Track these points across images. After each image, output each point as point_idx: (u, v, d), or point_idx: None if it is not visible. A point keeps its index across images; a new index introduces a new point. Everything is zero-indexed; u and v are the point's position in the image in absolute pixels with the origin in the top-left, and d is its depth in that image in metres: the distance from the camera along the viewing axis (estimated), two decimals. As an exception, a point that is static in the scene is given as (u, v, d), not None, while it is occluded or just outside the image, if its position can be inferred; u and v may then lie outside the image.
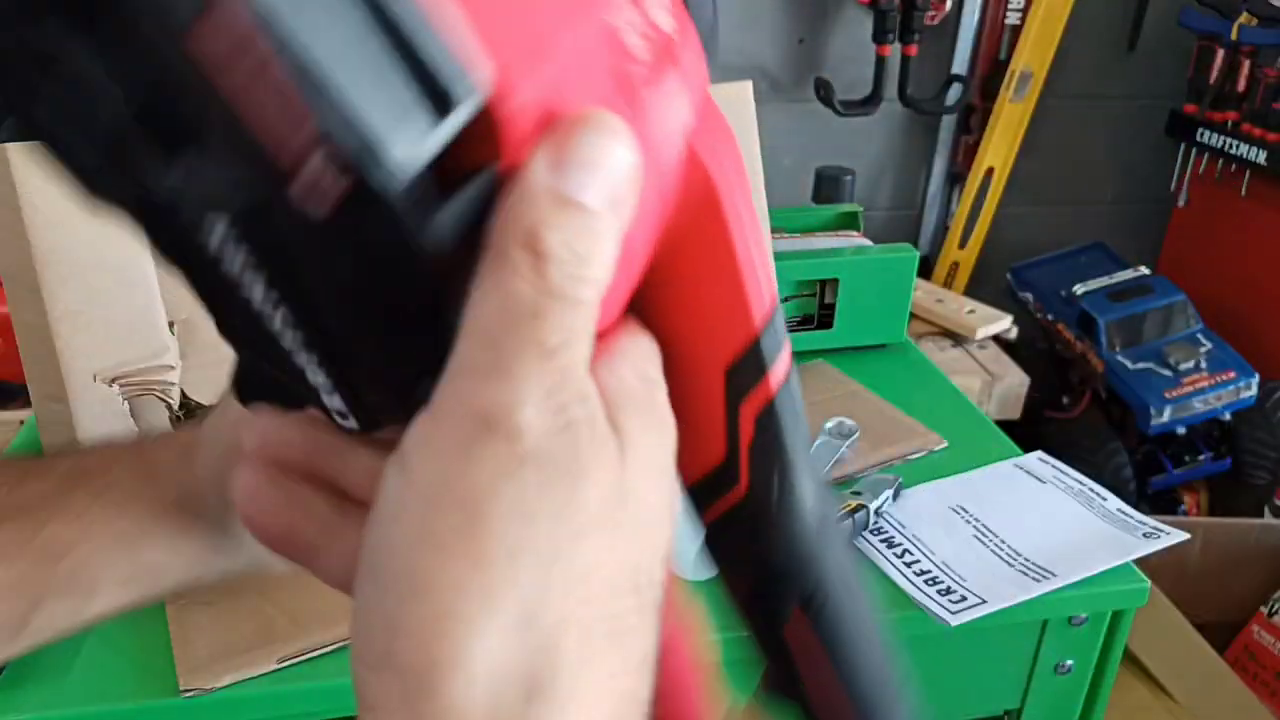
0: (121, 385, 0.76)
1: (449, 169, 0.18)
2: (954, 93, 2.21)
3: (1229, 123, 2.08)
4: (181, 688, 0.68)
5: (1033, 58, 2.18)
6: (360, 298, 0.19)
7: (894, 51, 2.12)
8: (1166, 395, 1.86)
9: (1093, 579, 0.81)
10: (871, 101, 2.16)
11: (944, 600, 0.79)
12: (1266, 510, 1.90)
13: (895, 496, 0.91)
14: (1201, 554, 1.64)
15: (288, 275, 0.18)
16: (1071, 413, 2.05)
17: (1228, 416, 1.93)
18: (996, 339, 1.77)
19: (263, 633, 0.72)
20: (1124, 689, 1.38)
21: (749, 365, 0.25)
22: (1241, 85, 2.05)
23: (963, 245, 2.36)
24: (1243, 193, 2.09)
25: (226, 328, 0.22)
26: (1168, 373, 1.89)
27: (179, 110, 0.16)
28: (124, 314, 0.77)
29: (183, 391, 0.79)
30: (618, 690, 0.21)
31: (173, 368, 0.79)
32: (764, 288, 0.25)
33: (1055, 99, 2.28)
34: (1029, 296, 2.17)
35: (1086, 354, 1.98)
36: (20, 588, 0.33)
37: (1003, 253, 2.38)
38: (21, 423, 1.11)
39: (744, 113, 1.03)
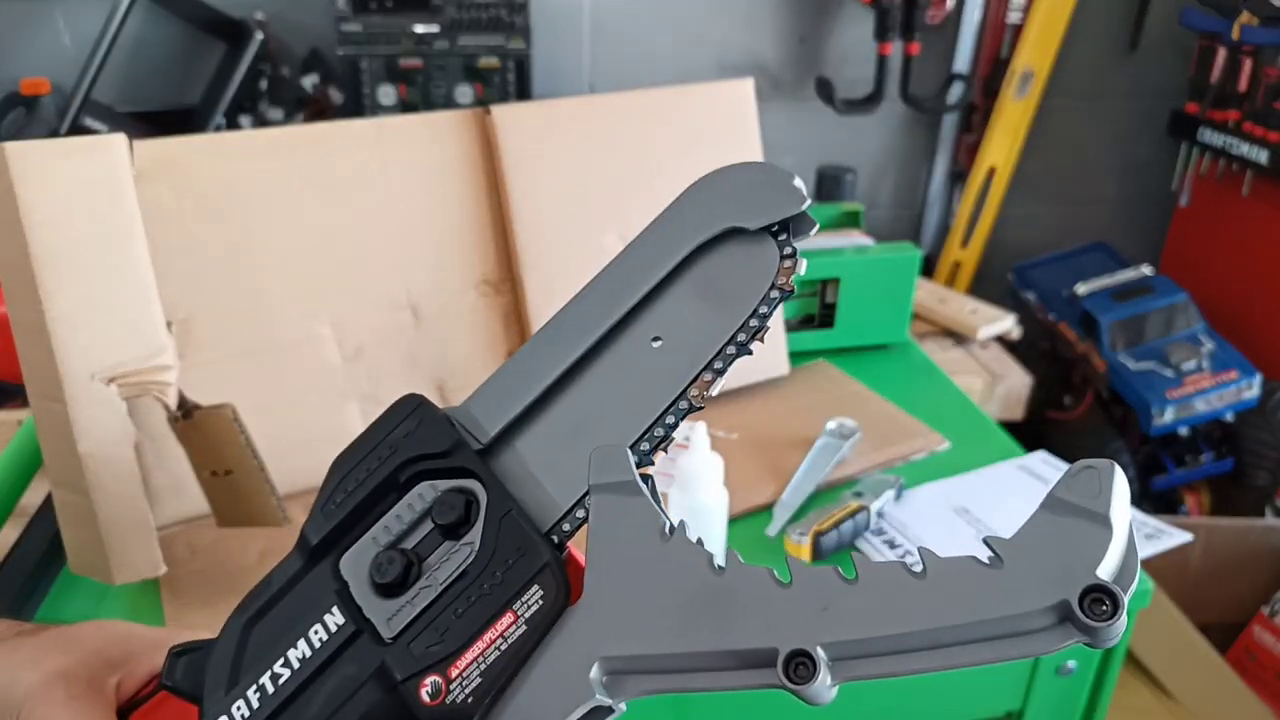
0: (119, 385, 0.76)
1: None
2: (956, 91, 2.20)
3: (1230, 122, 2.08)
4: (179, 690, 0.68)
5: (1034, 57, 2.17)
6: None
7: (896, 50, 2.11)
8: (1168, 395, 1.86)
9: (1096, 580, 0.81)
10: (873, 100, 2.15)
11: (946, 602, 0.78)
12: (1268, 511, 1.89)
13: (897, 497, 0.91)
14: (1203, 555, 1.63)
15: None
16: (1074, 413, 2.05)
17: (1230, 417, 1.93)
18: (999, 339, 1.77)
19: (261, 634, 0.71)
20: (1126, 690, 1.38)
21: None
22: (1243, 85, 2.04)
23: (965, 244, 2.35)
24: (1244, 192, 2.08)
25: None
26: (1170, 373, 1.89)
27: None
28: (121, 314, 0.77)
29: (180, 391, 0.78)
30: None
31: (170, 367, 0.78)
32: None
33: (1057, 98, 2.28)
34: (1031, 296, 2.17)
35: (1089, 354, 1.98)
36: None
37: (1005, 252, 2.38)
38: (20, 423, 1.10)
39: (745, 111, 1.02)
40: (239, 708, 0.33)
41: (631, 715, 0.31)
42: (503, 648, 0.31)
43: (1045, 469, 0.96)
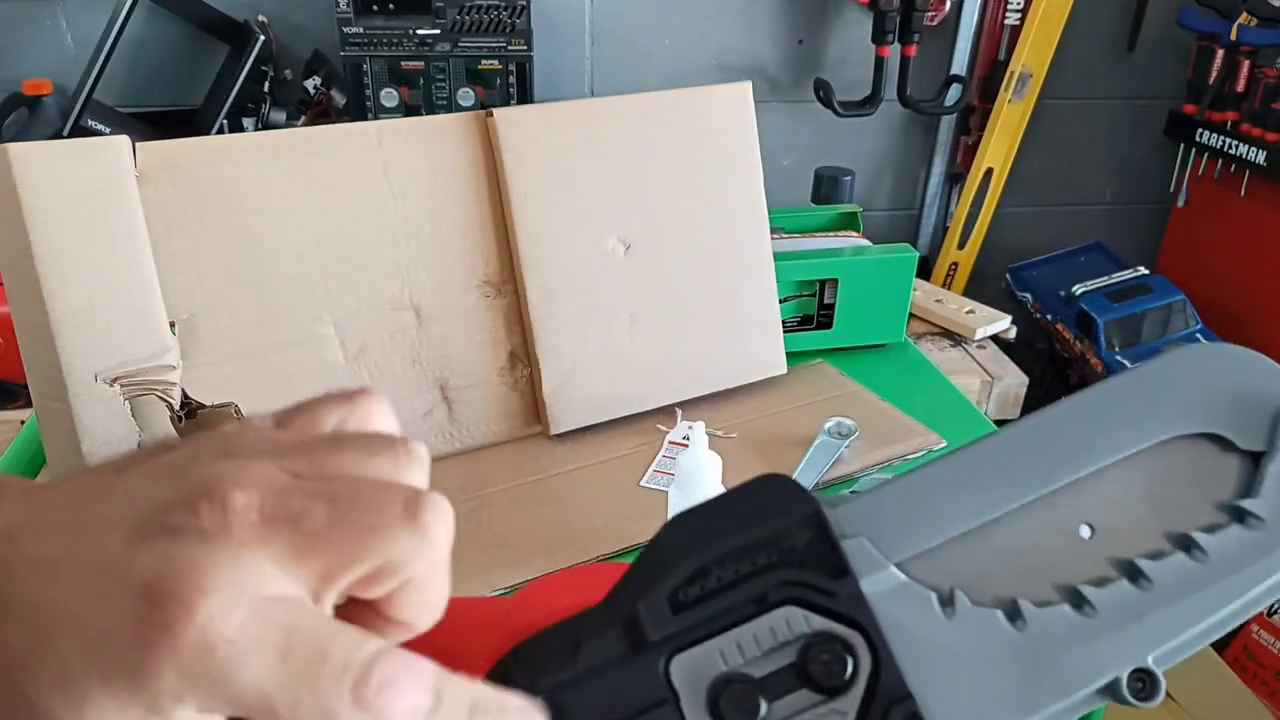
0: (122, 385, 0.77)
1: None
2: (953, 93, 2.21)
3: (1228, 123, 2.08)
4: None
5: (1032, 58, 2.18)
6: None
7: (893, 52, 2.12)
8: (1166, 395, 1.86)
9: (1091, 578, 0.81)
10: (871, 102, 2.16)
11: (943, 599, 0.79)
12: (1266, 510, 1.90)
13: (894, 496, 0.91)
14: (1201, 554, 1.64)
15: None
16: (1071, 413, 2.05)
17: (1227, 417, 1.93)
18: (995, 339, 1.77)
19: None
20: (1123, 689, 1.38)
21: None
22: (1241, 85, 2.05)
23: (962, 245, 2.36)
24: (1242, 193, 2.09)
25: None
26: (1167, 373, 1.89)
27: None
28: (124, 314, 0.77)
29: (184, 391, 0.79)
30: None
31: (174, 368, 0.79)
32: None
33: (1054, 99, 2.28)
34: (1028, 296, 2.17)
35: (1085, 354, 1.99)
36: None
37: (1002, 253, 2.38)
38: (22, 423, 1.11)
39: (743, 113, 1.03)
40: None
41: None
42: None
43: (1042, 468, 0.97)
